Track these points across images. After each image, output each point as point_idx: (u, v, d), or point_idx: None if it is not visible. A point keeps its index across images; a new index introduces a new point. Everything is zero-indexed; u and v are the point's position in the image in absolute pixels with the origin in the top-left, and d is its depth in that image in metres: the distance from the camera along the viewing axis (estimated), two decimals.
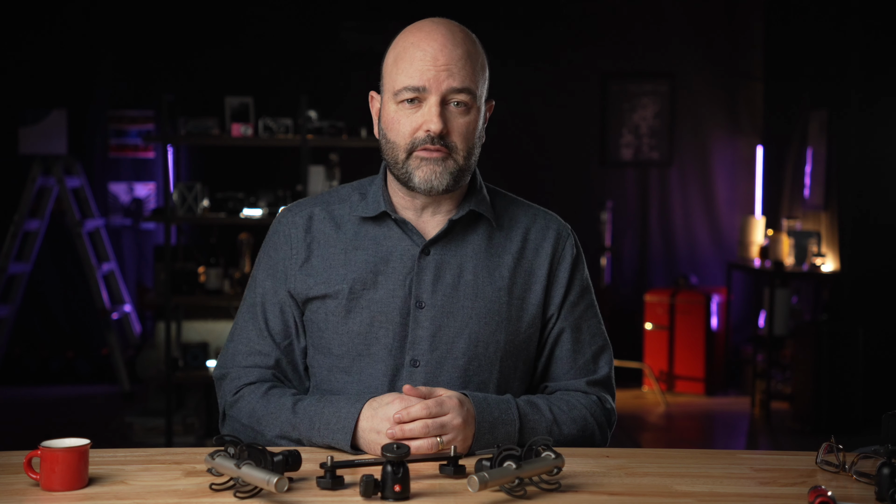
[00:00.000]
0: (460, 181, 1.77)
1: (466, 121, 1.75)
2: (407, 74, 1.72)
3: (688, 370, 6.75)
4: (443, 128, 1.72)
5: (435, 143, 1.72)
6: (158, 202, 7.01)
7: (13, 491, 1.47)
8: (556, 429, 1.77)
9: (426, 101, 1.72)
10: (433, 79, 1.71)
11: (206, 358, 5.30)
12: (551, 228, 1.89)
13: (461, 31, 1.77)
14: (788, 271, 6.14)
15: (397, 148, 1.76)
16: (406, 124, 1.74)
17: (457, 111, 1.74)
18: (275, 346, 1.85)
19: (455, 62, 1.72)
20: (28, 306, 6.89)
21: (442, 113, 1.72)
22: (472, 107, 1.75)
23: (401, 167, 1.76)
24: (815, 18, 6.36)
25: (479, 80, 1.76)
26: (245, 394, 1.81)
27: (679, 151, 7.29)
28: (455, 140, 1.74)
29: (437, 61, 1.71)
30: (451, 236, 1.82)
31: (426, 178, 1.74)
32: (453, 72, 1.72)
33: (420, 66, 1.72)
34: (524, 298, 1.83)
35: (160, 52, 6.92)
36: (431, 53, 1.72)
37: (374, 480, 1.44)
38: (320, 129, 5.25)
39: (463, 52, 1.73)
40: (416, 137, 1.73)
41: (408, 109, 1.74)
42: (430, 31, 1.74)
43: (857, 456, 1.60)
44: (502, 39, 6.92)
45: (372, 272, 1.80)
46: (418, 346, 1.78)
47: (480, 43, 1.81)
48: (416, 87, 1.72)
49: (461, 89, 1.72)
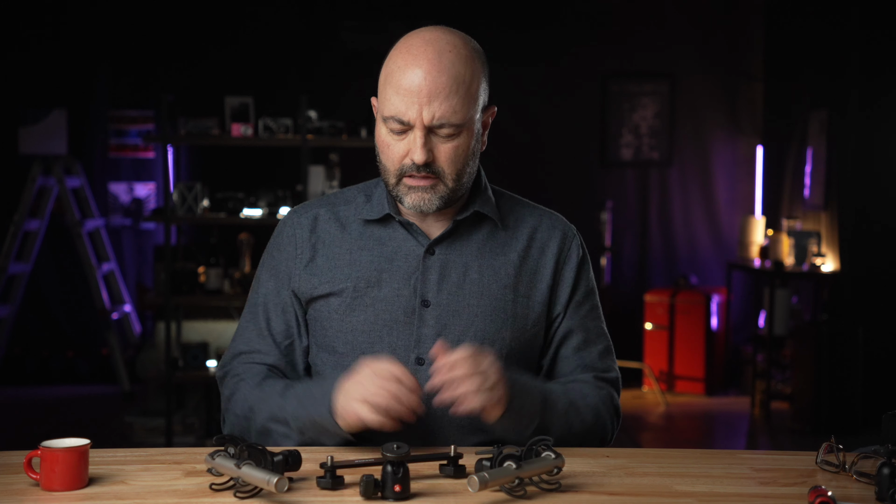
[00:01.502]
0: (453, 201, 1.78)
1: (454, 145, 1.73)
2: (392, 104, 1.71)
3: (688, 370, 6.75)
4: (426, 157, 1.71)
5: (421, 171, 1.72)
6: (158, 202, 7.01)
7: (13, 491, 1.47)
8: (572, 410, 1.78)
9: (411, 131, 1.72)
10: (416, 112, 1.69)
11: (206, 358, 5.30)
12: (557, 229, 1.89)
13: (451, 49, 1.70)
14: (788, 271, 6.14)
15: (387, 172, 1.77)
16: (395, 150, 1.74)
17: (443, 138, 1.72)
18: (275, 346, 1.86)
19: (440, 91, 1.68)
20: (28, 306, 6.89)
21: (427, 143, 1.71)
22: (460, 133, 1.73)
23: (392, 189, 1.77)
24: (815, 18, 6.36)
25: (469, 105, 1.72)
26: (241, 387, 1.82)
27: (679, 151, 7.30)
28: (442, 166, 1.73)
29: (421, 93, 1.68)
30: (456, 236, 1.82)
31: (415, 203, 1.75)
32: (436, 104, 1.68)
33: (405, 98, 1.69)
34: (529, 297, 1.84)
35: (160, 52, 6.93)
36: (416, 83, 1.68)
37: (374, 480, 1.44)
38: (320, 129, 5.25)
39: (448, 79, 1.69)
40: (403, 164, 1.73)
41: (396, 135, 1.73)
42: (417, 54, 1.70)
43: (857, 456, 1.60)
44: (502, 39, 6.92)
45: (377, 271, 1.80)
46: (424, 344, 1.78)
47: (479, 49, 1.77)
48: (400, 118, 1.70)
49: (444, 124, 1.70)
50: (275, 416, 1.74)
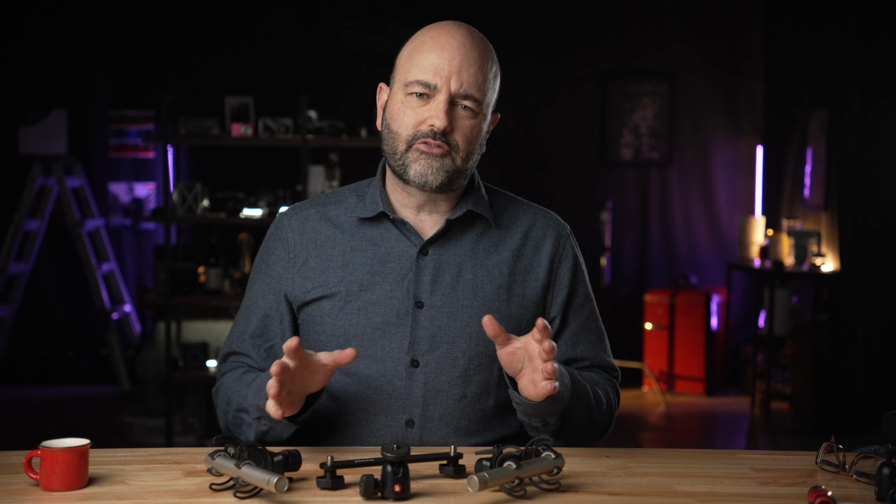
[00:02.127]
0: (455, 182, 1.78)
1: (472, 124, 1.76)
2: (421, 68, 1.73)
3: (688, 370, 6.75)
4: (447, 125, 1.72)
5: (437, 138, 1.73)
6: (158, 202, 7.01)
7: (13, 491, 1.47)
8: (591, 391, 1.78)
9: (435, 97, 1.73)
10: (445, 78, 1.72)
11: (206, 358, 5.30)
12: (551, 228, 1.89)
13: (480, 38, 1.78)
14: (788, 271, 6.14)
15: (398, 139, 1.76)
16: (411, 116, 1.74)
17: (463, 114, 1.75)
18: (257, 349, 1.86)
19: (469, 66, 1.73)
20: (28, 306, 6.89)
21: (448, 111, 1.73)
22: (478, 113, 1.76)
23: (399, 158, 1.76)
24: (815, 18, 6.36)
25: (490, 89, 1.77)
26: (224, 381, 1.85)
27: (679, 151, 7.29)
28: (458, 139, 1.75)
29: (453, 61, 1.72)
30: (449, 236, 1.82)
31: (422, 171, 1.74)
32: (466, 76, 1.72)
33: (436, 61, 1.72)
34: (523, 296, 1.83)
35: (160, 52, 6.92)
36: (449, 52, 1.72)
37: (374, 480, 1.44)
38: (320, 129, 5.25)
39: (478, 58, 1.74)
40: (418, 130, 1.74)
41: (415, 102, 1.74)
42: (450, 30, 1.75)
43: (857, 456, 1.60)
44: (502, 39, 6.89)
45: (370, 273, 1.80)
46: (418, 346, 1.78)
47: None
48: (427, 82, 1.72)
49: (470, 95, 1.73)
50: (241, 406, 1.76)
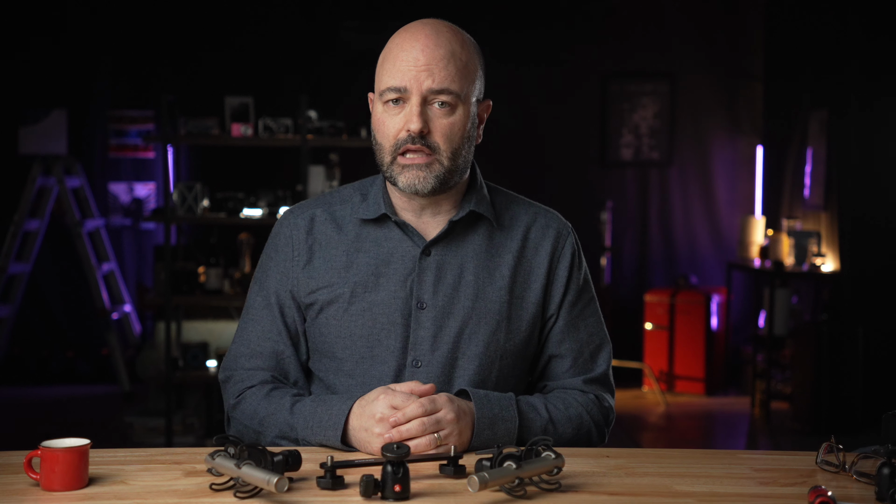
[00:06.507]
0: (448, 183, 1.77)
1: (450, 121, 1.74)
2: (390, 75, 1.74)
3: (688, 370, 6.75)
4: (423, 127, 1.72)
5: (416, 142, 1.73)
6: (158, 202, 7.01)
7: (13, 491, 1.47)
8: (551, 427, 1.78)
9: (408, 101, 1.73)
10: (413, 79, 1.72)
11: (206, 358, 5.30)
12: (551, 227, 1.89)
13: (448, 31, 1.76)
14: (788, 271, 6.14)
15: (383, 150, 1.77)
16: (390, 126, 1.75)
17: (440, 111, 1.74)
18: (274, 347, 1.86)
19: (438, 61, 1.72)
20: (28, 306, 6.89)
21: (423, 112, 1.72)
22: (456, 107, 1.74)
23: (386, 170, 1.77)
24: (815, 18, 6.36)
25: (464, 79, 1.75)
26: (247, 396, 1.82)
27: (679, 151, 7.29)
28: (437, 140, 1.74)
29: (418, 62, 1.72)
30: (452, 237, 1.82)
31: (409, 182, 1.75)
32: (434, 72, 1.72)
33: (402, 66, 1.72)
34: (524, 297, 1.84)
35: (160, 52, 6.92)
36: (414, 53, 1.72)
37: (374, 480, 1.44)
38: (320, 129, 5.25)
39: (445, 53, 1.73)
40: (399, 139, 1.74)
41: (392, 110, 1.74)
42: (414, 32, 1.75)
43: (857, 456, 1.60)
44: (502, 39, 6.92)
45: (373, 274, 1.80)
46: (420, 346, 1.78)
47: (476, 43, 1.81)
48: (397, 87, 1.73)
49: (441, 90, 1.72)
50: (285, 435, 1.75)
